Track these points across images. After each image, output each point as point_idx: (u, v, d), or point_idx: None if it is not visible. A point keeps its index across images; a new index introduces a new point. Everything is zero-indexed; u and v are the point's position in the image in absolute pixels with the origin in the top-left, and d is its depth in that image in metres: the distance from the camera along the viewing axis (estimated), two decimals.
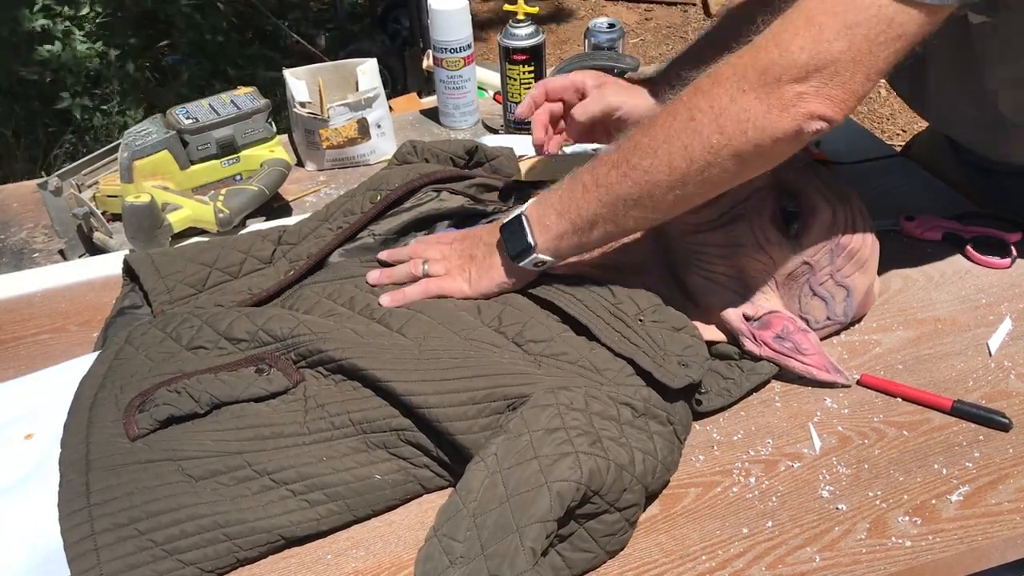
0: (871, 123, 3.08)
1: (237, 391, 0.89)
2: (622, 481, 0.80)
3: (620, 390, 0.88)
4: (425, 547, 0.78)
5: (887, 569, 0.81)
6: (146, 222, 1.23)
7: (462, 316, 0.95)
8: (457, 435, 0.84)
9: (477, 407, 0.85)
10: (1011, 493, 0.87)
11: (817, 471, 0.90)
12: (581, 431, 0.81)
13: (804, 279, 1.00)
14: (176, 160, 1.31)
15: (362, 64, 1.51)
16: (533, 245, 0.95)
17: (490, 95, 1.75)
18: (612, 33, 1.63)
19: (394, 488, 0.87)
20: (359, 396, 0.88)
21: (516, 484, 0.77)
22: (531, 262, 0.96)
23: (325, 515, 0.84)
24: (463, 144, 1.24)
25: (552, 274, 0.99)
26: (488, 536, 0.75)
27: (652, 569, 0.82)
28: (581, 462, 0.78)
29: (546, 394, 0.84)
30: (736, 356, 0.99)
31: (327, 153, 1.48)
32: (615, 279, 1.02)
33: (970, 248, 1.18)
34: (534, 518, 0.75)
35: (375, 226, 1.13)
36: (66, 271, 1.25)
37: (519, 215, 0.97)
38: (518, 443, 0.80)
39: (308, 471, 0.84)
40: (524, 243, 0.95)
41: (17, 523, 0.83)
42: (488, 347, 0.91)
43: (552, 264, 0.98)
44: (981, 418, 0.94)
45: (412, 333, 0.93)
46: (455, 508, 0.79)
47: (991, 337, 1.05)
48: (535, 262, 0.96)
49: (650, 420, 0.87)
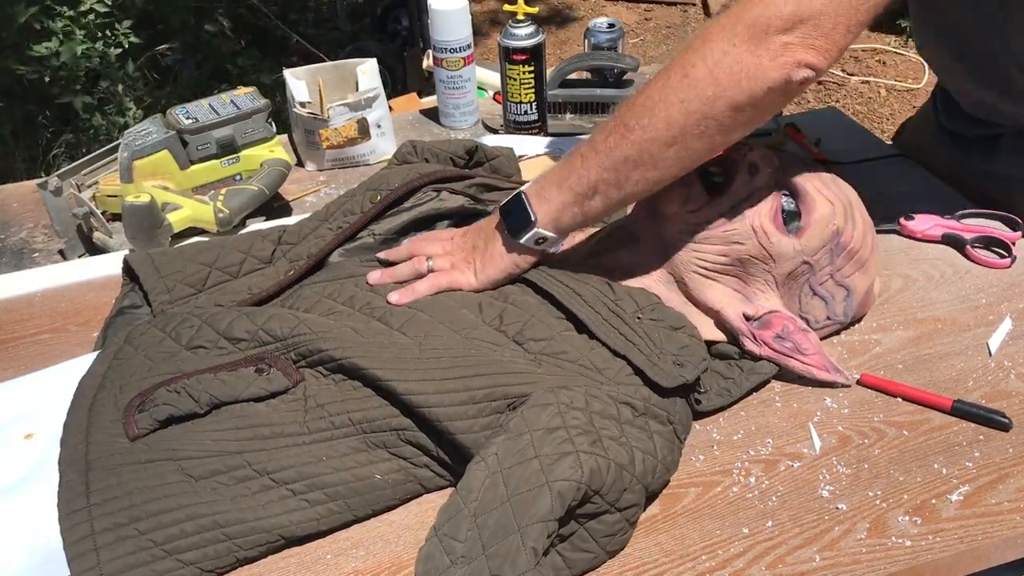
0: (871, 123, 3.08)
1: (237, 391, 0.89)
2: (622, 481, 0.80)
3: (620, 389, 0.88)
4: (426, 547, 0.78)
5: (887, 569, 0.81)
6: (146, 222, 1.23)
7: (463, 314, 0.95)
8: (457, 434, 0.85)
9: (477, 406, 0.85)
10: (1011, 493, 0.87)
11: (817, 471, 0.90)
12: (582, 430, 0.81)
13: (804, 279, 1.00)
14: (176, 160, 1.31)
15: (362, 64, 1.51)
16: (534, 219, 0.96)
17: (490, 95, 1.75)
18: (612, 33, 1.63)
19: (394, 488, 0.87)
20: (359, 396, 0.88)
21: (517, 484, 0.77)
22: (532, 238, 0.97)
23: (325, 515, 0.84)
24: (463, 144, 1.24)
25: (553, 270, 0.99)
26: (489, 536, 0.75)
27: (652, 569, 0.82)
28: (582, 461, 0.78)
29: (546, 393, 0.84)
30: (736, 356, 0.99)
31: (327, 153, 1.48)
32: (615, 278, 1.02)
33: (970, 248, 1.18)
34: (535, 518, 0.75)
35: (375, 226, 1.13)
36: (66, 271, 1.25)
37: (518, 193, 0.98)
38: (519, 442, 0.80)
39: (308, 471, 0.84)
40: (524, 218, 0.96)
41: (17, 523, 0.83)
42: (489, 346, 0.91)
43: (554, 241, 0.98)
44: (981, 418, 0.94)
45: (412, 332, 0.93)
46: (456, 508, 0.79)
47: (991, 337, 1.05)
48: (536, 238, 0.97)
49: (650, 419, 0.87)
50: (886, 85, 3.30)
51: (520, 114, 1.55)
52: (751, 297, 1.00)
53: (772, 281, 1.00)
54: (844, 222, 0.99)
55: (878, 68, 3.43)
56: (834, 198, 0.99)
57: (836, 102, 3.20)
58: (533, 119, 1.56)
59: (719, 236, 0.99)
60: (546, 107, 1.55)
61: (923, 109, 1.45)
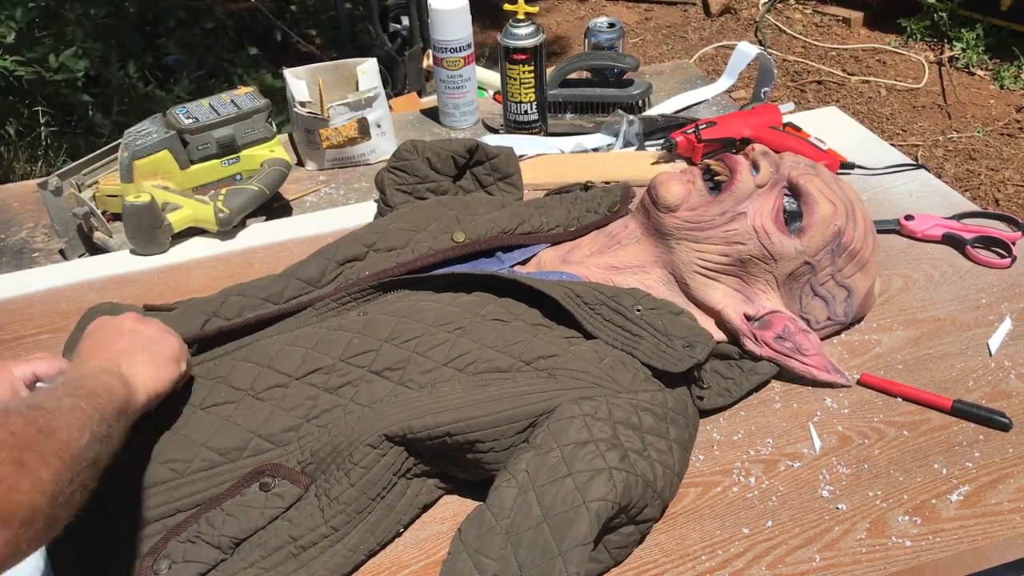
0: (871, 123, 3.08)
1: (253, 521, 0.82)
2: (645, 497, 0.80)
3: (639, 396, 0.87)
4: (451, 560, 0.77)
5: (887, 569, 0.81)
6: (146, 222, 1.23)
7: (464, 348, 0.90)
8: (484, 453, 0.83)
9: (499, 429, 0.83)
10: (1011, 493, 0.87)
11: (817, 471, 0.90)
12: (610, 444, 0.80)
13: (805, 279, 1.00)
14: (176, 160, 1.31)
15: (362, 64, 1.51)
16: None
17: (490, 95, 1.75)
18: (612, 33, 1.64)
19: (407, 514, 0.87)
20: (364, 464, 0.83)
21: (552, 503, 0.77)
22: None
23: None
24: (464, 143, 1.24)
25: (552, 274, 0.99)
26: (526, 557, 0.75)
27: (652, 569, 0.82)
28: (615, 479, 0.77)
29: (570, 405, 0.83)
30: (736, 356, 0.99)
31: (327, 153, 1.48)
32: (616, 278, 1.02)
33: (970, 248, 1.18)
34: (576, 541, 0.74)
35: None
36: (66, 271, 1.25)
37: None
38: (549, 459, 0.80)
39: (344, 568, 0.82)
40: None
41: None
42: (496, 375, 0.88)
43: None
44: (981, 418, 0.94)
45: (418, 381, 0.88)
46: (487, 524, 0.77)
47: (991, 337, 1.05)
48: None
49: (670, 425, 0.87)
50: (886, 85, 3.29)
51: (520, 114, 1.55)
52: (752, 297, 1.00)
53: (773, 281, 1.00)
54: (846, 222, 0.99)
55: (878, 68, 3.43)
56: (835, 198, 0.99)
57: (836, 102, 3.19)
58: (533, 119, 1.56)
59: (720, 236, 0.99)
60: (546, 107, 1.55)
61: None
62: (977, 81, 3.31)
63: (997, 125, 3.03)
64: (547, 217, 1.13)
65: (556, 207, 1.16)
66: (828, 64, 3.50)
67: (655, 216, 1.01)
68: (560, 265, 1.06)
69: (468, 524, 0.79)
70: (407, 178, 1.23)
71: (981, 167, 2.82)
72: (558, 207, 1.16)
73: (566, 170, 1.41)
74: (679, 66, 1.83)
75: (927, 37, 3.59)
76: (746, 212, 0.98)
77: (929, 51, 3.53)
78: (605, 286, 0.97)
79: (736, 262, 0.99)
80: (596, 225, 1.13)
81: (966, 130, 3.02)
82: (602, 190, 1.19)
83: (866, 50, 3.58)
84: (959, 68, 3.38)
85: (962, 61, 3.39)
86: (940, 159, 2.89)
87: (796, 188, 0.99)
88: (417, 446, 0.84)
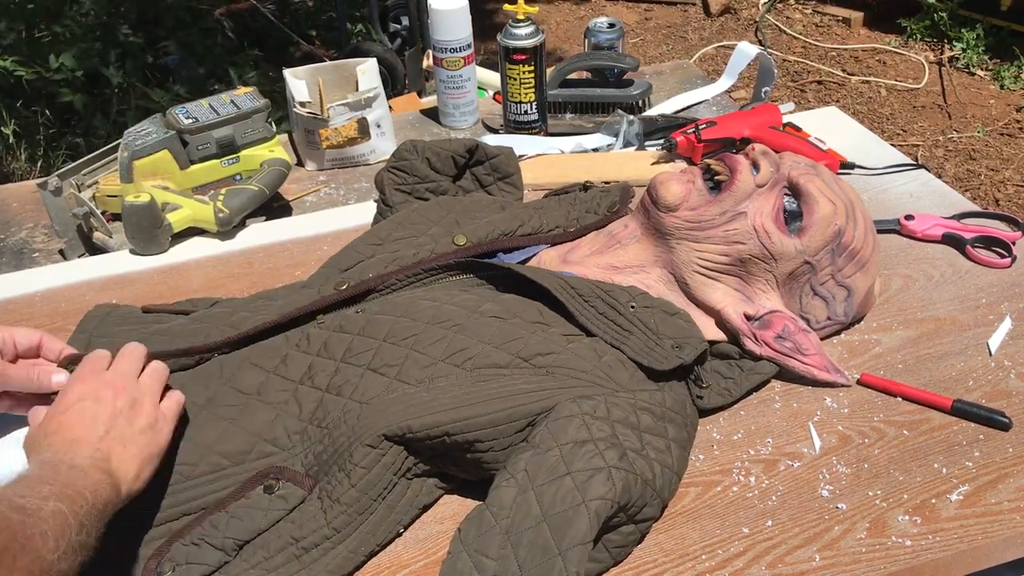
0: (871, 122, 3.08)
1: (257, 523, 0.83)
2: (644, 496, 0.80)
3: (637, 395, 0.88)
4: (451, 560, 0.77)
5: (887, 568, 0.81)
6: (146, 222, 1.23)
7: (462, 344, 0.90)
8: (482, 452, 0.83)
9: (498, 429, 0.83)
10: (1011, 492, 0.87)
11: (817, 471, 0.90)
12: (609, 443, 0.80)
13: (805, 279, 1.00)
14: (176, 160, 1.31)
15: (362, 64, 1.51)
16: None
17: (490, 95, 1.75)
18: (612, 33, 1.64)
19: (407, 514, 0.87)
20: (365, 464, 0.83)
21: (551, 502, 0.77)
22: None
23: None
24: (464, 143, 1.24)
25: (550, 270, 0.99)
26: (526, 556, 0.75)
27: (652, 568, 0.82)
28: (614, 478, 0.77)
29: (569, 404, 0.83)
30: (736, 356, 0.99)
31: (327, 153, 1.48)
32: (616, 278, 1.02)
33: (970, 248, 1.18)
34: (575, 540, 0.74)
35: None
36: (66, 271, 1.25)
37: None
38: (547, 458, 0.80)
39: (344, 567, 0.82)
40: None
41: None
42: (494, 371, 0.88)
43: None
44: (981, 418, 0.94)
45: (415, 376, 0.89)
46: (487, 524, 0.78)
47: (991, 337, 1.05)
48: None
49: (668, 424, 0.87)
50: (886, 85, 3.29)
51: (520, 114, 1.55)
52: (752, 297, 1.00)
53: (773, 281, 1.00)
54: (846, 222, 0.99)
55: (878, 68, 3.43)
56: (836, 198, 0.99)
57: (836, 102, 3.19)
58: (533, 119, 1.56)
59: (720, 236, 0.99)
60: (546, 107, 1.55)
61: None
62: (977, 81, 3.31)
63: (997, 125, 3.03)
64: (547, 218, 1.13)
65: (555, 208, 1.16)
66: (828, 64, 3.50)
67: (655, 216, 1.01)
68: (560, 265, 1.06)
69: (468, 524, 0.79)
70: (407, 178, 1.22)
71: (981, 167, 2.82)
72: (557, 208, 1.16)
73: (566, 170, 1.41)
74: (679, 66, 1.83)
75: (927, 37, 3.59)
76: (746, 212, 0.98)
77: (929, 51, 3.53)
78: (603, 282, 0.97)
79: (736, 262, 0.99)
80: (596, 225, 1.12)
81: (966, 130, 3.02)
82: (601, 190, 1.19)
83: (866, 50, 3.58)
84: (959, 68, 3.38)
85: (962, 61, 3.39)
86: (940, 159, 2.89)
87: (796, 188, 0.99)
88: (416, 446, 0.84)
